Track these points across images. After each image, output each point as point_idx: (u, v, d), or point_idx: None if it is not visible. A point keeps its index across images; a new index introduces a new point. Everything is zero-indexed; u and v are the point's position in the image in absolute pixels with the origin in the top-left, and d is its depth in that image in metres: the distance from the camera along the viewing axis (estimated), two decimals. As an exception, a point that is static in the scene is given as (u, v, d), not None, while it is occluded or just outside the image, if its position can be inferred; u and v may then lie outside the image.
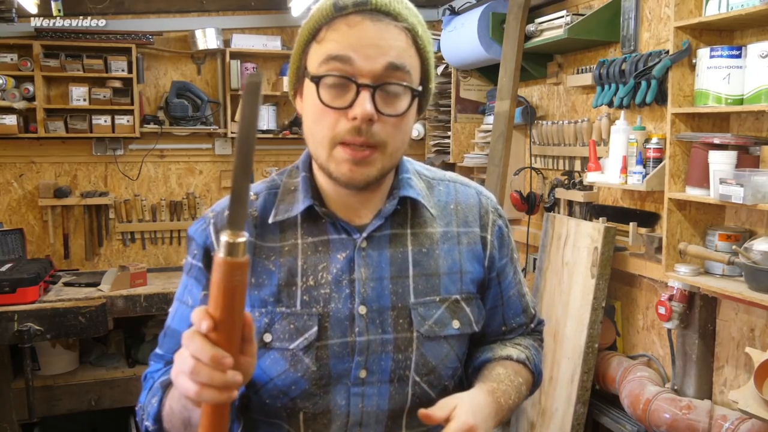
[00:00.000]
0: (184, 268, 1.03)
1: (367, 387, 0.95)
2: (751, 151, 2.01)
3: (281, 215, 0.98)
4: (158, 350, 1.04)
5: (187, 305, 1.00)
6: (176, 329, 1.01)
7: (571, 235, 2.70)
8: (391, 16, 0.90)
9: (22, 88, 3.67)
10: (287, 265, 0.97)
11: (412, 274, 0.98)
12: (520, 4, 2.87)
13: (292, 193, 1.00)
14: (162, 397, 0.94)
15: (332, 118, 0.90)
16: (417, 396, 0.97)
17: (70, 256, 3.99)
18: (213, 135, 4.17)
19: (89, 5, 3.72)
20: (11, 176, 3.91)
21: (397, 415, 0.97)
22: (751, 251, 1.89)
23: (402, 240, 0.99)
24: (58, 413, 3.44)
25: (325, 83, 0.89)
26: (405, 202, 1.00)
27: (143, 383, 1.04)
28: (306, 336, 0.94)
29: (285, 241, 0.98)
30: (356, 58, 0.88)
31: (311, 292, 0.95)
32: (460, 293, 1.01)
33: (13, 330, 3.08)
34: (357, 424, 0.96)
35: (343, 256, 0.97)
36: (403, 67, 0.90)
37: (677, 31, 2.11)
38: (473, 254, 1.03)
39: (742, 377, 2.11)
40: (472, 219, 1.05)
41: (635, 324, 2.62)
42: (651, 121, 2.48)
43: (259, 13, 4.19)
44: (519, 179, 3.23)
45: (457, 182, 1.09)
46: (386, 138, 0.91)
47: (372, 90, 0.88)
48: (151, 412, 0.95)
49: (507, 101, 2.97)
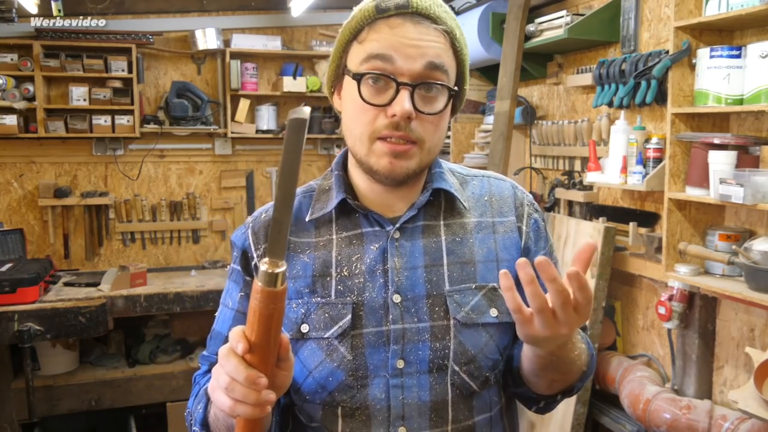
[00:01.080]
0: (228, 273, 1.08)
1: (406, 378, 0.95)
2: (751, 151, 2.01)
3: (317, 213, 1.02)
4: (205, 352, 1.08)
5: (227, 307, 1.05)
6: (220, 331, 1.05)
7: (571, 235, 2.70)
8: (431, 19, 0.95)
9: (22, 88, 3.67)
10: (322, 258, 0.99)
11: (446, 263, 0.99)
12: (520, 4, 2.87)
13: (327, 192, 1.04)
14: (207, 403, 0.97)
15: (371, 115, 0.93)
16: (457, 387, 0.96)
17: (70, 256, 4.00)
18: (213, 135, 4.17)
19: (89, 5, 3.73)
20: (11, 176, 3.91)
21: (441, 408, 0.96)
22: (751, 251, 1.90)
23: (435, 230, 1.01)
24: (58, 413, 3.45)
25: (366, 81, 0.93)
26: (438, 194, 1.03)
27: (192, 387, 1.08)
28: (340, 324, 0.95)
29: (320, 237, 1.01)
30: (397, 57, 0.91)
31: (345, 282, 0.97)
32: (497, 281, 1.00)
33: (13, 330, 3.08)
34: (400, 417, 0.95)
35: (376, 246, 0.99)
36: (442, 66, 0.94)
37: (677, 31, 2.11)
38: (510, 242, 1.03)
39: (742, 377, 2.12)
40: (507, 210, 1.06)
41: (635, 324, 2.62)
42: (651, 121, 2.48)
43: (259, 13, 4.19)
44: (519, 179, 3.23)
45: (491, 177, 1.11)
46: (424, 135, 0.94)
47: (411, 89, 0.92)
48: (198, 418, 0.98)
49: (507, 101, 2.97)
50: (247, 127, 4.11)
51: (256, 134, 4.16)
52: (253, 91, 4.11)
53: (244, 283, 1.03)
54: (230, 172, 4.25)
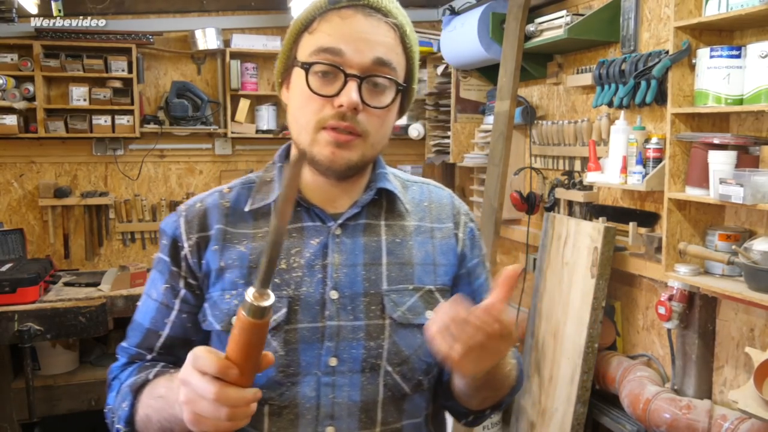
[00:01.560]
0: (153, 262, 1.06)
1: (337, 377, 0.94)
2: (750, 151, 2.01)
3: (257, 204, 1.01)
4: (124, 343, 1.06)
5: (151, 298, 1.04)
6: (141, 323, 1.04)
7: (571, 235, 2.70)
8: (382, 13, 0.95)
9: (23, 88, 3.67)
10: (259, 249, 0.98)
11: (385, 262, 0.99)
12: (520, 4, 2.87)
13: (268, 184, 1.03)
14: (133, 401, 0.96)
15: (318, 105, 0.93)
16: (389, 388, 0.95)
17: (70, 256, 4.00)
18: (213, 135, 4.17)
19: (89, 5, 3.72)
20: (11, 176, 3.91)
21: (371, 408, 0.95)
22: (750, 251, 1.90)
23: (376, 230, 1.01)
24: (58, 413, 3.44)
25: (315, 71, 0.92)
26: (381, 194, 1.03)
27: (109, 379, 1.06)
28: (274, 318, 0.93)
29: (259, 229, 1.00)
30: (346, 50, 0.91)
31: (283, 275, 0.96)
32: (434, 284, 1.01)
33: (13, 330, 3.08)
34: (328, 416, 0.94)
35: (316, 241, 0.98)
36: (390, 63, 0.94)
37: (677, 31, 2.11)
38: (447, 247, 1.04)
39: (742, 377, 2.11)
40: (445, 217, 1.07)
41: (635, 324, 2.62)
42: (651, 121, 2.48)
43: (259, 13, 4.19)
44: (519, 179, 3.23)
45: (431, 185, 1.12)
46: (369, 128, 0.94)
47: (359, 81, 0.92)
48: (123, 416, 0.97)
49: (507, 101, 2.97)
50: (247, 127, 4.11)
51: (256, 134, 4.16)
52: (253, 91, 4.11)
53: (170, 275, 1.01)
54: (230, 172, 4.25)
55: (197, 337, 1.03)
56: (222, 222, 1.00)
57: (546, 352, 2.74)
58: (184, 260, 1.01)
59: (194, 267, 1.01)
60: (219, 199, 1.04)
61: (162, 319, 1.02)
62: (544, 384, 2.74)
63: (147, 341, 1.03)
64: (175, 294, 1.02)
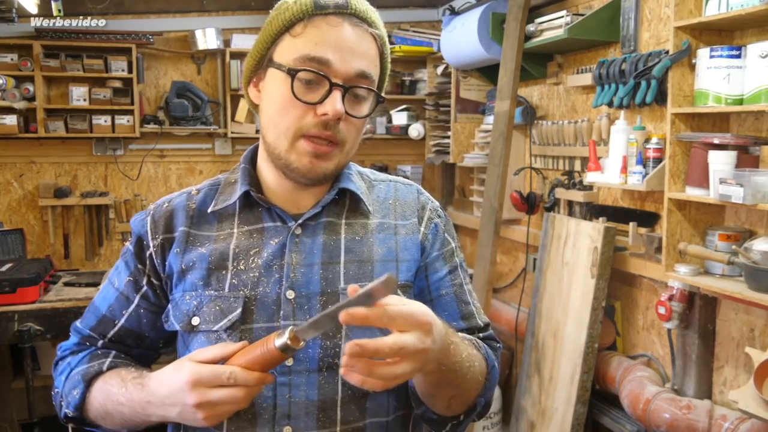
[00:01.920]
0: (121, 251, 1.08)
1: (294, 376, 0.93)
2: (751, 151, 2.01)
3: (220, 205, 1.02)
4: (78, 323, 1.09)
5: (113, 286, 1.06)
6: (98, 307, 1.07)
7: (571, 235, 2.71)
8: (367, 23, 0.96)
9: (22, 88, 3.67)
10: (219, 250, 0.99)
11: (343, 260, 0.99)
12: (520, 4, 2.87)
13: (232, 185, 1.05)
14: (85, 391, 1.00)
15: (300, 111, 0.93)
16: (348, 387, 0.95)
17: (70, 256, 4.00)
18: (213, 135, 4.17)
19: (89, 5, 3.72)
20: (11, 176, 3.91)
21: (329, 408, 0.94)
22: (750, 251, 1.90)
23: (336, 228, 1.01)
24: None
25: (300, 77, 0.92)
26: (344, 194, 1.03)
27: (57, 356, 1.09)
28: (230, 317, 0.94)
29: (221, 231, 1.01)
30: (334, 59, 0.92)
31: (240, 276, 0.97)
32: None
33: (13, 330, 3.08)
34: (285, 416, 0.93)
35: (276, 241, 0.98)
36: (370, 75, 0.96)
37: (677, 31, 2.11)
38: (411, 243, 1.04)
39: (742, 377, 2.12)
40: (410, 213, 1.07)
41: (635, 324, 2.62)
42: (651, 121, 2.48)
43: (259, 13, 4.18)
44: (519, 179, 3.23)
45: (398, 182, 1.12)
46: (347, 137, 0.96)
47: (344, 90, 0.92)
48: (73, 402, 1.01)
49: (507, 101, 2.97)
50: (247, 127, 4.11)
51: (256, 134, 4.15)
52: (253, 91, 4.10)
53: (135, 270, 1.03)
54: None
55: (150, 334, 1.06)
56: (186, 224, 1.02)
57: (546, 352, 2.74)
58: (149, 259, 1.03)
59: (158, 267, 1.02)
60: (186, 200, 1.05)
61: (120, 310, 1.05)
62: (544, 384, 2.74)
63: (101, 327, 1.06)
64: (137, 289, 1.04)
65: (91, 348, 1.07)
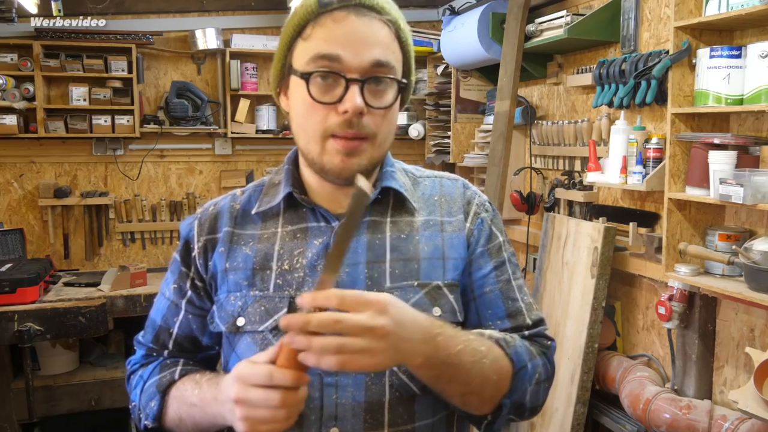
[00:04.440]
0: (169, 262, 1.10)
1: (341, 377, 0.93)
2: (751, 151, 2.01)
3: (264, 206, 1.02)
4: (140, 337, 1.10)
5: (164, 296, 1.08)
6: (154, 319, 1.08)
7: (571, 235, 2.70)
8: (375, 10, 0.93)
9: (22, 88, 3.67)
10: (264, 251, 0.99)
11: (389, 259, 0.97)
12: (520, 4, 2.87)
13: (276, 186, 1.04)
14: (162, 402, 1.00)
15: (323, 113, 0.92)
16: (396, 389, 0.93)
17: (70, 256, 3.99)
18: (213, 135, 4.16)
19: (89, 5, 3.72)
20: (11, 176, 3.91)
21: (376, 410, 0.93)
22: (751, 251, 1.89)
23: (381, 227, 1.00)
24: (58, 413, 3.44)
25: (315, 79, 0.91)
26: (388, 192, 1.02)
27: (128, 371, 1.10)
28: (275, 318, 0.94)
29: (266, 230, 1.01)
30: (344, 54, 0.90)
31: (285, 276, 0.97)
32: (442, 279, 0.99)
33: (13, 330, 3.08)
34: (332, 418, 0.92)
35: (320, 241, 0.98)
36: (388, 63, 0.93)
37: (677, 31, 2.11)
38: (458, 240, 1.02)
39: (742, 377, 2.11)
40: (456, 209, 1.05)
41: (635, 324, 2.62)
42: (651, 121, 2.48)
43: (259, 13, 4.18)
44: (519, 179, 3.23)
45: (443, 177, 1.10)
46: (375, 129, 0.93)
47: (361, 84, 0.91)
48: (151, 414, 1.01)
49: (507, 101, 2.97)
50: (247, 127, 4.11)
51: (256, 134, 4.15)
52: (253, 91, 4.10)
53: (180, 275, 1.05)
54: (230, 172, 4.25)
55: (205, 338, 1.06)
56: (230, 224, 1.03)
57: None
58: (193, 262, 1.04)
59: (201, 268, 1.03)
60: (231, 201, 1.06)
61: (172, 318, 1.06)
62: (544, 384, 2.74)
63: (160, 338, 1.07)
64: (182, 294, 1.05)
65: (159, 359, 1.08)
